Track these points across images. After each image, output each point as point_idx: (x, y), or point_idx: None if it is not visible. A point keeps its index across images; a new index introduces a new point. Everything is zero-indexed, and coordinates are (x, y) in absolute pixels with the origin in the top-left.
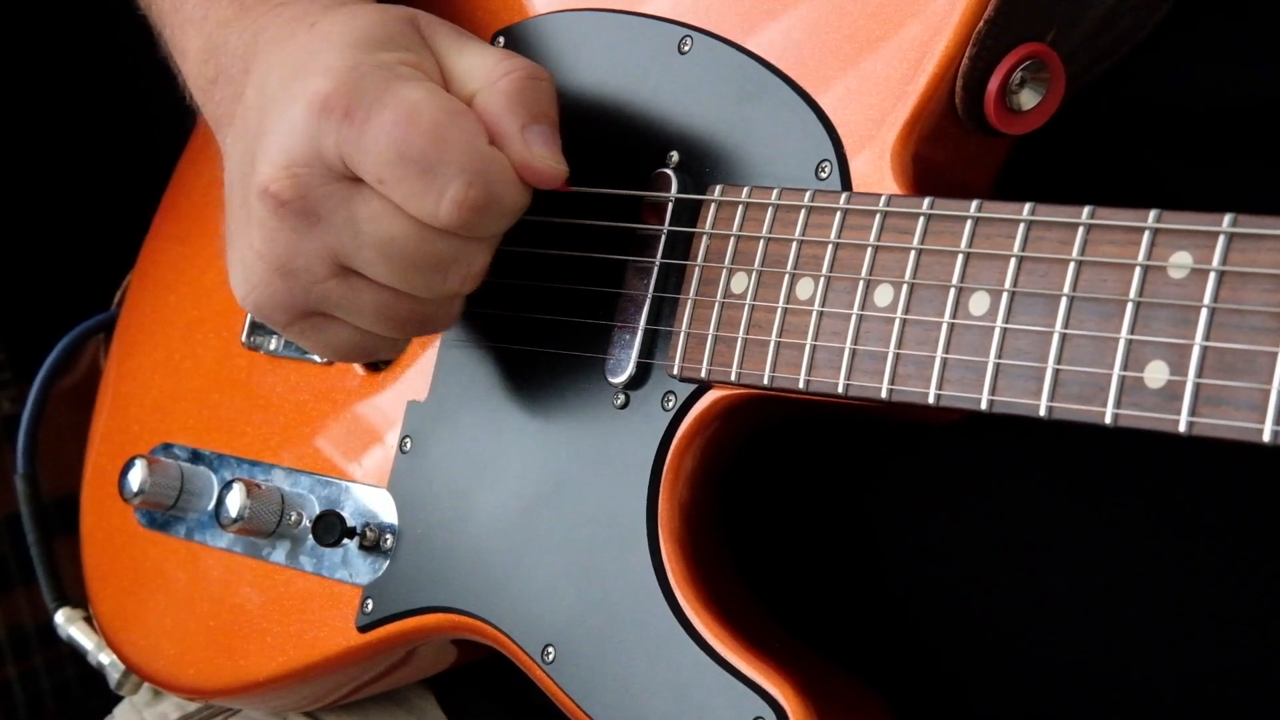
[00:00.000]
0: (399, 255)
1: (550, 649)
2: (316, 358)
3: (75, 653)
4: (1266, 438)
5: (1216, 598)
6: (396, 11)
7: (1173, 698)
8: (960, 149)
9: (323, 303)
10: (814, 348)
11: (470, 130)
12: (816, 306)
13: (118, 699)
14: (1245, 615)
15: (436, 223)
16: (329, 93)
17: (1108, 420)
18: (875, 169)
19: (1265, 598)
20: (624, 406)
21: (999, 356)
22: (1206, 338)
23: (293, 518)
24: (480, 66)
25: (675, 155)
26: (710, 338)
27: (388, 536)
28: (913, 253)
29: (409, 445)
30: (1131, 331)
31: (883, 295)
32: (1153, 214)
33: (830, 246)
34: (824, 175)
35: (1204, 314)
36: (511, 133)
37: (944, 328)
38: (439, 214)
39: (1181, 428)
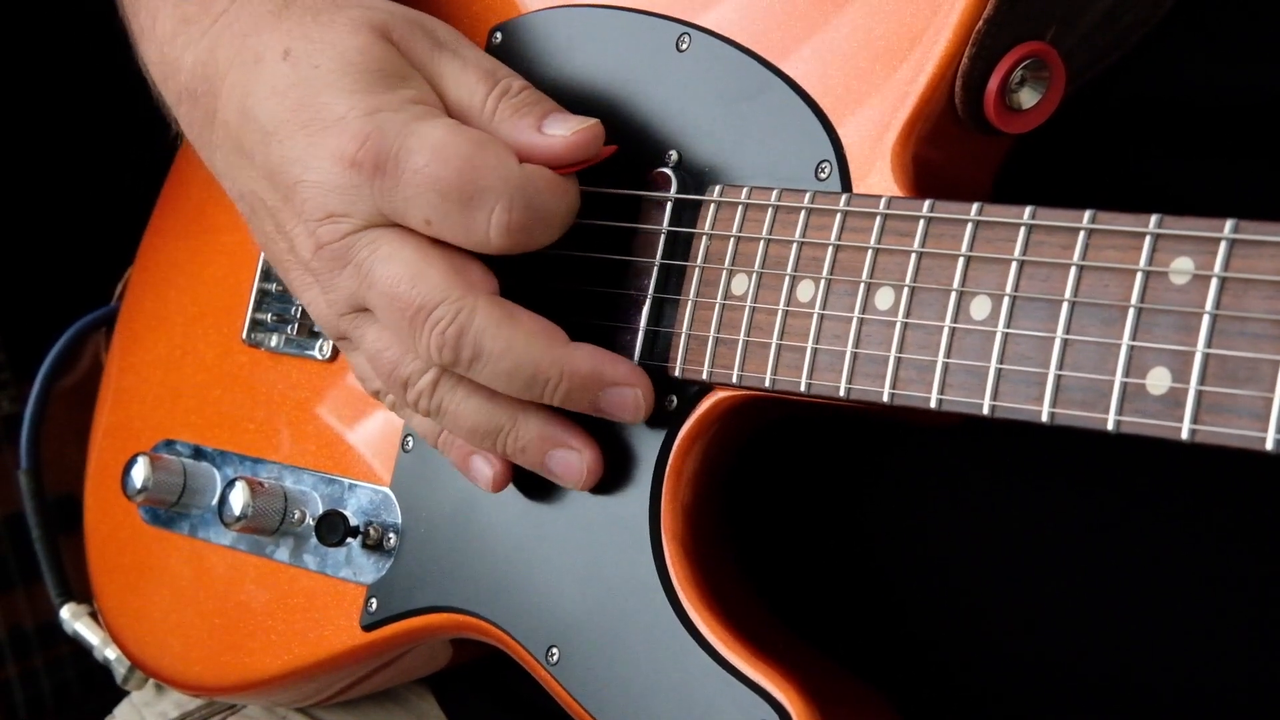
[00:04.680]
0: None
1: (554, 650)
2: (318, 355)
3: (75, 653)
4: (1269, 446)
5: (1215, 600)
6: (368, 31)
7: (1172, 698)
8: (960, 148)
9: (347, 331)
10: (815, 351)
11: (499, 154)
12: (817, 309)
13: (117, 698)
14: (1244, 617)
15: (490, 250)
16: (354, 151)
17: (1110, 427)
18: (875, 169)
19: (1264, 600)
20: None
21: (1000, 361)
22: (1209, 344)
23: (296, 516)
24: (470, 99)
25: (674, 154)
26: (711, 339)
27: (391, 535)
28: (913, 255)
29: (412, 444)
30: (1133, 338)
31: (883, 298)
32: (1154, 219)
33: (831, 248)
34: (824, 176)
35: (1206, 320)
36: (533, 140)
37: (945, 332)
38: (490, 242)
39: (1184, 435)
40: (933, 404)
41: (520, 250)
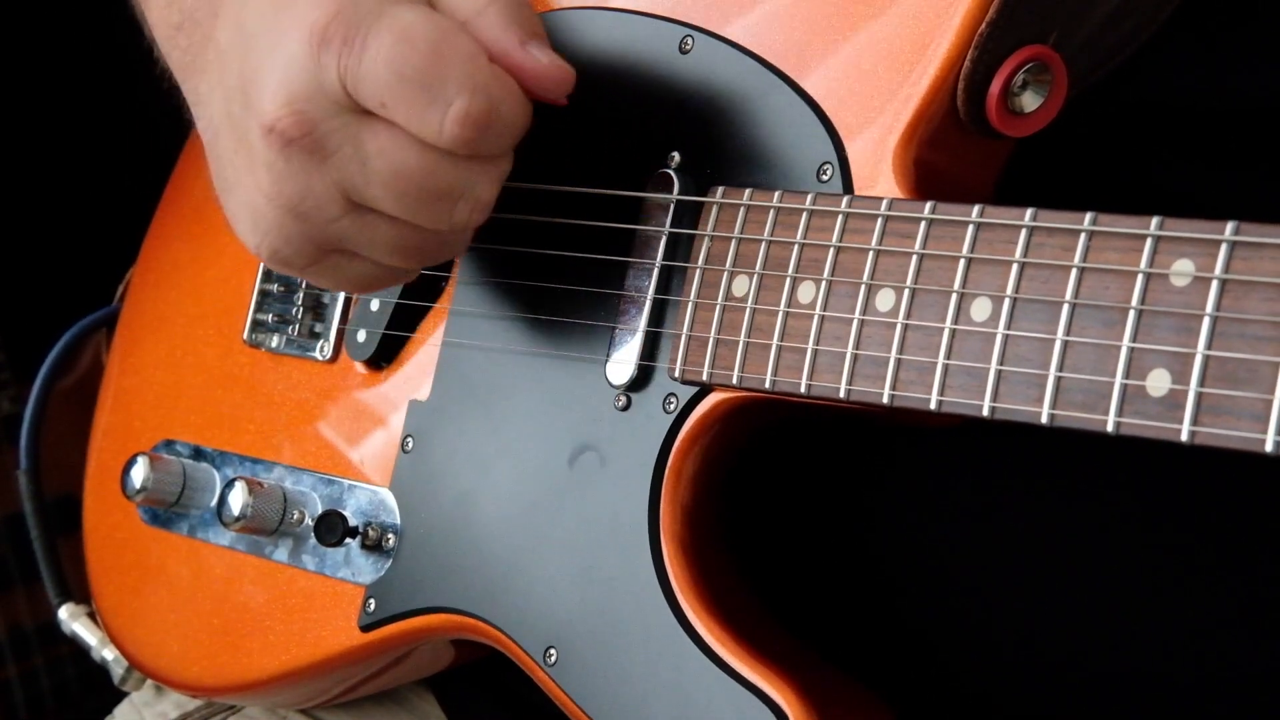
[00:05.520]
0: (408, 187)
1: (552, 651)
2: (319, 356)
3: (75, 652)
4: (1269, 448)
5: (1215, 601)
6: None
7: (1174, 700)
8: (962, 151)
9: (339, 240)
10: (815, 352)
11: (468, 47)
12: (818, 310)
13: (117, 699)
14: (1245, 619)
15: (441, 142)
16: (325, 22)
17: (1110, 429)
18: (877, 172)
19: (1265, 602)
20: (625, 408)
21: (1001, 363)
22: (1209, 346)
23: (295, 516)
24: None
25: (676, 156)
26: (712, 340)
27: (390, 536)
28: (914, 257)
29: (411, 444)
30: (1134, 339)
31: (884, 300)
32: (1155, 221)
33: (832, 250)
34: (825, 177)
35: (1206, 322)
36: (512, 47)
37: (945, 333)
38: (443, 132)
39: (1184, 437)
40: (933, 405)
41: (466, 150)
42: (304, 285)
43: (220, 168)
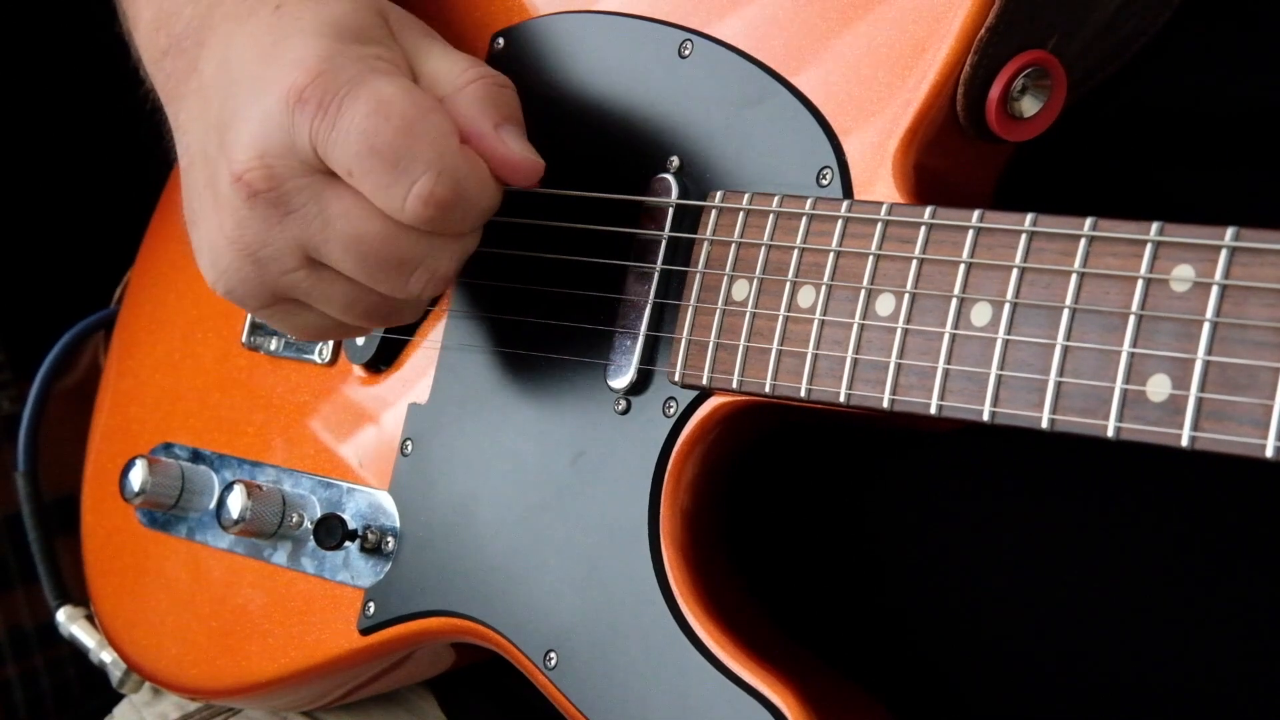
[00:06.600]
0: (365, 252)
1: (552, 654)
2: (317, 359)
3: (75, 653)
4: (1269, 453)
5: (1215, 606)
6: (366, 3)
7: (1171, 704)
8: (961, 156)
9: (292, 290)
10: (815, 356)
11: (441, 127)
12: (818, 315)
13: (118, 698)
14: (1244, 623)
15: (403, 217)
16: (303, 85)
17: (1110, 434)
18: (877, 176)
19: (1264, 606)
20: (625, 412)
21: (1001, 368)
22: (1209, 352)
23: (294, 519)
24: (449, 70)
25: (676, 160)
26: (712, 345)
27: (389, 539)
28: (914, 262)
29: (410, 448)
30: (1134, 345)
31: (884, 304)
32: (1155, 226)
33: (832, 254)
34: (825, 182)
35: (1206, 328)
36: (485, 131)
37: (946, 338)
38: (405, 208)
39: (1184, 442)
40: (933, 410)
41: (427, 227)
42: None
43: (189, 198)
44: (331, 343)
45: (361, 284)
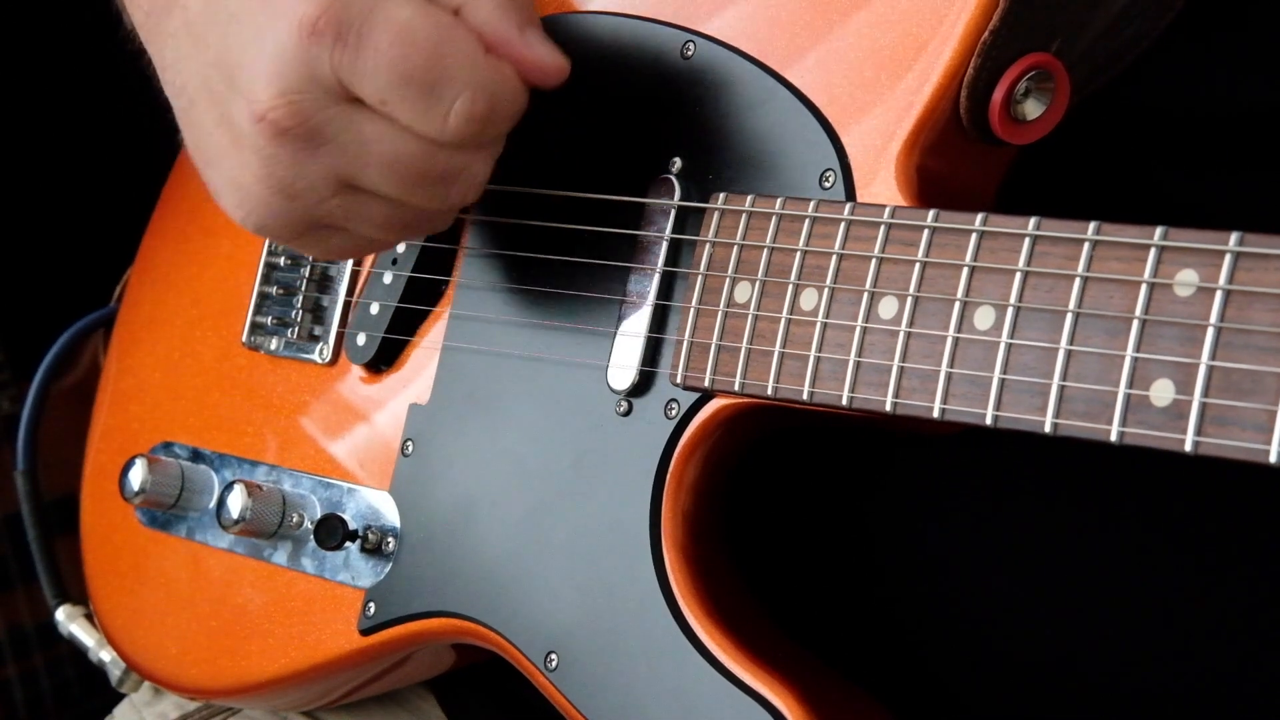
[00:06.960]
0: (405, 172)
1: (553, 656)
2: (318, 358)
3: (75, 652)
4: (1273, 459)
5: (1215, 609)
6: None
7: (1171, 705)
8: (964, 158)
9: (328, 217)
10: (818, 359)
11: (468, 42)
12: (820, 318)
13: (117, 698)
14: (1243, 626)
15: (444, 138)
16: (315, 16)
17: (1113, 438)
18: (879, 179)
19: (1264, 609)
20: (627, 414)
21: (1004, 371)
22: (1213, 357)
23: (294, 519)
24: None
25: (678, 162)
26: (714, 347)
27: (389, 540)
28: (917, 265)
29: (411, 448)
30: (1137, 349)
31: (887, 307)
32: (1159, 231)
33: (834, 257)
34: (828, 185)
35: (1210, 333)
36: (512, 37)
37: (949, 341)
38: (447, 130)
39: (1187, 447)
40: (936, 413)
41: (470, 143)
42: (304, 288)
43: (198, 138)
44: (332, 343)
45: (400, 201)
